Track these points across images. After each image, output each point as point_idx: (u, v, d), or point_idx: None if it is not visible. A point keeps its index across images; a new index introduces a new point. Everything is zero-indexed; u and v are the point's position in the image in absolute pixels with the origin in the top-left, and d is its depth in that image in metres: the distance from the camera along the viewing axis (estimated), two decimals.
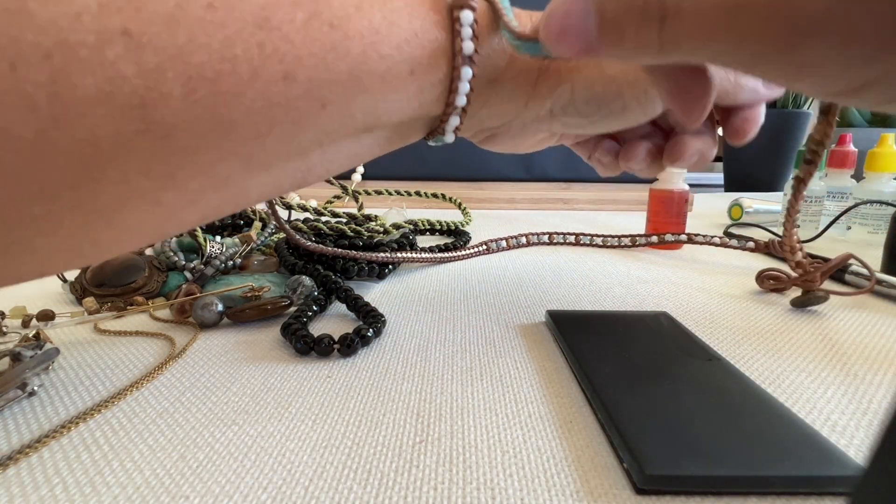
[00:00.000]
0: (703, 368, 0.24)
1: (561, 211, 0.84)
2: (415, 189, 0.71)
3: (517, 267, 0.46)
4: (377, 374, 0.26)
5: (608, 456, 0.19)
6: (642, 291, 0.39)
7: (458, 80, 0.20)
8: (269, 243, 0.44)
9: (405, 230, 0.50)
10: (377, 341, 0.30)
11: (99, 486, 0.18)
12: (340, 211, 0.52)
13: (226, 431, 0.21)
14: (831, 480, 0.17)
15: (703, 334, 0.31)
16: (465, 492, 0.17)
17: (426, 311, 0.35)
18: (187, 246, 0.41)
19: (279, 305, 0.32)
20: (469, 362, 0.27)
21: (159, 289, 0.37)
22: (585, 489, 0.17)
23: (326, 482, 0.18)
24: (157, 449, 0.20)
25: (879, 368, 0.27)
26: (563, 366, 0.27)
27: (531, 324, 0.32)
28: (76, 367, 0.27)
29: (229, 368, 0.26)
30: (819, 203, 0.61)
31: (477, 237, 0.61)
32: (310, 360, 0.27)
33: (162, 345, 0.29)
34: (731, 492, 0.17)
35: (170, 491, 0.17)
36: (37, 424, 0.21)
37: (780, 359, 0.28)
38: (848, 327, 0.32)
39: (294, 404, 0.23)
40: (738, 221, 0.70)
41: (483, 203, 0.85)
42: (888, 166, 0.58)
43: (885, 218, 0.57)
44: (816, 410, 0.22)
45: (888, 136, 0.59)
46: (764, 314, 0.34)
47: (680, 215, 0.53)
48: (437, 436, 0.20)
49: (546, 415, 0.22)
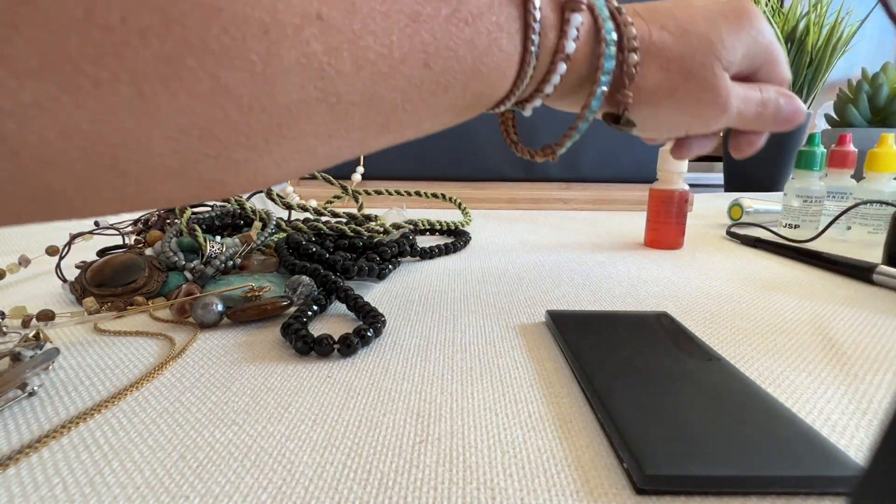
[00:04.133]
0: (703, 368, 0.24)
1: (561, 211, 0.84)
2: (415, 189, 0.71)
3: (517, 267, 0.46)
4: (377, 374, 0.26)
5: (608, 456, 0.19)
6: (642, 291, 0.39)
7: (553, 73, 0.23)
8: (269, 243, 0.44)
9: (405, 230, 0.50)
10: (377, 341, 0.30)
11: (99, 486, 0.18)
12: (340, 211, 0.52)
13: (226, 431, 0.21)
14: (831, 480, 0.17)
15: (703, 334, 0.31)
16: (465, 492, 0.17)
17: (426, 311, 0.35)
18: (187, 246, 0.41)
19: (279, 305, 0.32)
20: (469, 362, 0.27)
21: (159, 289, 0.37)
22: (585, 489, 0.17)
23: (326, 482, 0.18)
24: (157, 449, 0.20)
25: (879, 368, 0.27)
26: (563, 366, 0.27)
27: (531, 324, 0.32)
28: (76, 367, 0.27)
29: (229, 368, 0.26)
30: (819, 203, 0.61)
31: (477, 237, 0.61)
32: (310, 360, 0.27)
33: (162, 345, 0.29)
34: (731, 492, 0.17)
35: (170, 491, 0.17)
36: (37, 424, 0.21)
37: (780, 359, 0.28)
38: (848, 327, 0.32)
39: (294, 404, 0.23)
40: (738, 221, 0.70)
41: (483, 203, 0.85)
42: (888, 166, 0.58)
43: (885, 218, 0.57)
44: (816, 410, 0.22)
45: (888, 136, 0.59)
46: (764, 314, 0.34)
47: (680, 215, 0.53)
48: (437, 436, 0.20)
49: (546, 415, 0.22)
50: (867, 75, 1.39)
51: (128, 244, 0.47)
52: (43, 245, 0.54)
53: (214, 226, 0.46)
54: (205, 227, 0.45)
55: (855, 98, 1.39)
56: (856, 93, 1.39)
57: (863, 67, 1.42)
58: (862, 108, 1.37)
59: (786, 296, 0.38)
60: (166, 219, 0.49)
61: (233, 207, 0.47)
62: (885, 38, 1.86)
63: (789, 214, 0.62)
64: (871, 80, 1.38)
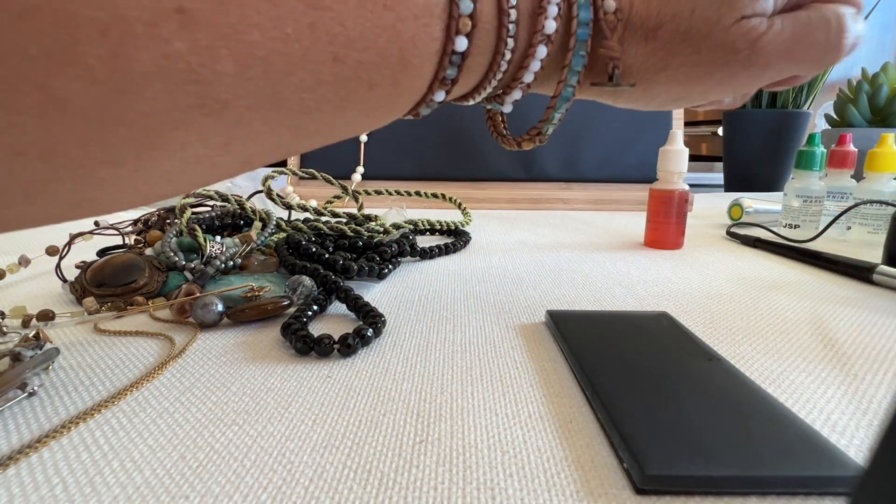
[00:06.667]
0: (703, 368, 0.24)
1: (561, 211, 0.84)
2: (415, 189, 0.71)
3: (517, 267, 0.46)
4: (377, 374, 0.26)
5: (608, 456, 0.19)
6: (642, 291, 0.39)
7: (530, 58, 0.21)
8: (269, 243, 0.44)
9: (405, 230, 0.50)
10: (377, 341, 0.30)
11: (99, 486, 0.18)
12: (340, 211, 0.52)
13: (226, 431, 0.21)
14: (831, 480, 0.17)
15: (703, 334, 0.31)
16: (465, 492, 0.17)
17: (426, 311, 0.35)
18: (187, 246, 0.41)
19: (279, 305, 0.32)
20: (469, 362, 0.27)
21: (159, 289, 0.37)
22: (585, 489, 0.17)
23: (326, 482, 0.18)
24: (157, 449, 0.20)
25: (879, 368, 0.27)
26: (563, 366, 0.27)
27: (531, 324, 0.32)
28: (76, 367, 0.27)
29: (229, 368, 0.26)
30: (819, 203, 0.61)
31: (477, 237, 0.61)
32: (310, 360, 0.27)
33: (162, 345, 0.29)
34: (731, 492, 0.17)
35: (170, 491, 0.17)
36: (37, 424, 0.21)
37: (780, 359, 0.28)
38: (848, 327, 0.32)
39: (294, 404, 0.23)
40: (738, 221, 0.70)
41: (483, 203, 0.85)
42: (888, 166, 0.58)
43: (885, 218, 0.57)
44: (816, 410, 0.22)
45: (888, 136, 0.59)
46: (764, 314, 0.34)
47: (680, 215, 0.53)
48: (437, 436, 0.20)
49: (546, 415, 0.22)
50: (867, 75, 1.40)
51: (128, 244, 0.47)
52: (43, 245, 0.54)
53: (214, 226, 0.46)
54: (205, 227, 0.45)
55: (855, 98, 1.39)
56: (856, 93, 1.39)
57: (863, 67, 1.42)
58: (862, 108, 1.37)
59: (786, 296, 0.38)
60: (166, 219, 0.49)
61: (233, 207, 0.47)
62: (885, 38, 1.86)
63: (789, 214, 0.62)
64: (871, 79, 1.38)
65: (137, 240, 0.46)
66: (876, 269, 0.41)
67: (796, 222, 0.61)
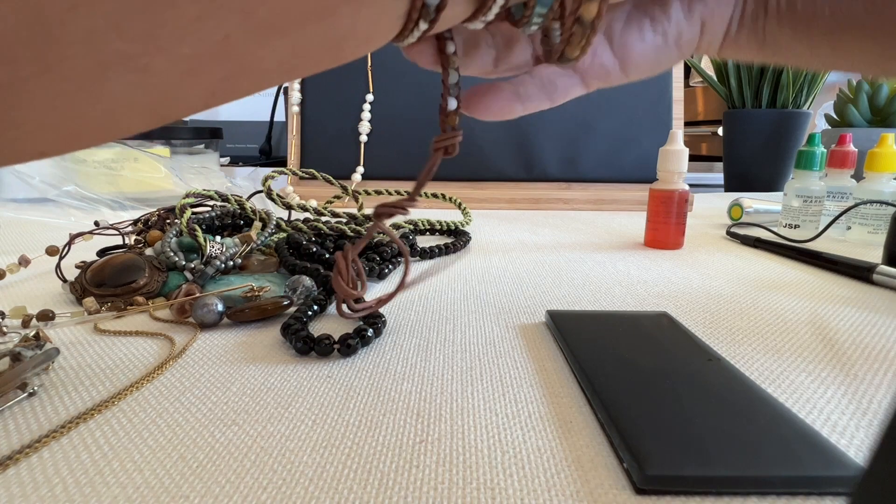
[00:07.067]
0: (703, 369, 0.24)
1: (561, 211, 0.84)
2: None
3: (517, 267, 0.46)
4: (377, 375, 0.26)
5: (608, 456, 0.19)
6: (642, 291, 0.39)
7: None
8: (269, 243, 0.44)
9: (405, 230, 0.50)
10: (377, 341, 0.30)
11: (99, 486, 0.18)
12: (340, 211, 0.52)
13: (226, 431, 0.21)
14: (831, 480, 0.17)
15: (702, 334, 0.31)
16: (465, 492, 0.17)
17: (426, 311, 0.35)
18: (187, 246, 0.41)
19: (279, 305, 0.32)
20: (469, 362, 0.27)
21: (159, 289, 0.37)
22: (585, 489, 0.17)
23: (326, 482, 0.18)
24: (157, 449, 0.20)
25: (879, 368, 0.27)
26: (563, 366, 0.27)
27: (531, 324, 0.32)
28: (76, 367, 0.27)
29: (229, 368, 0.26)
30: (819, 203, 0.61)
31: (477, 237, 0.61)
32: (310, 360, 0.27)
33: (162, 345, 0.29)
34: (731, 492, 0.17)
35: (170, 491, 0.17)
36: (37, 424, 0.21)
37: (780, 359, 0.28)
38: (848, 327, 0.32)
39: (294, 404, 0.23)
40: (738, 221, 0.70)
41: (483, 203, 0.85)
42: (888, 166, 0.58)
43: (885, 218, 0.57)
44: (816, 410, 0.22)
45: (888, 136, 0.59)
46: (764, 314, 0.34)
47: (680, 215, 0.53)
48: (437, 436, 0.20)
49: (546, 415, 0.22)
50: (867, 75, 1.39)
51: (128, 244, 0.47)
52: (43, 245, 0.54)
53: (214, 226, 0.46)
54: (205, 227, 0.45)
55: (855, 98, 1.39)
56: (856, 93, 1.39)
57: None
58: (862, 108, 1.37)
59: (786, 296, 0.38)
60: (166, 219, 0.49)
61: (233, 207, 0.47)
62: None
63: (789, 214, 0.62)
64: (870, 80, 1.38)
65: (137, 240, 0.46)
66: (876, 269, 0.41)
67: (796, 222, 0.61)
